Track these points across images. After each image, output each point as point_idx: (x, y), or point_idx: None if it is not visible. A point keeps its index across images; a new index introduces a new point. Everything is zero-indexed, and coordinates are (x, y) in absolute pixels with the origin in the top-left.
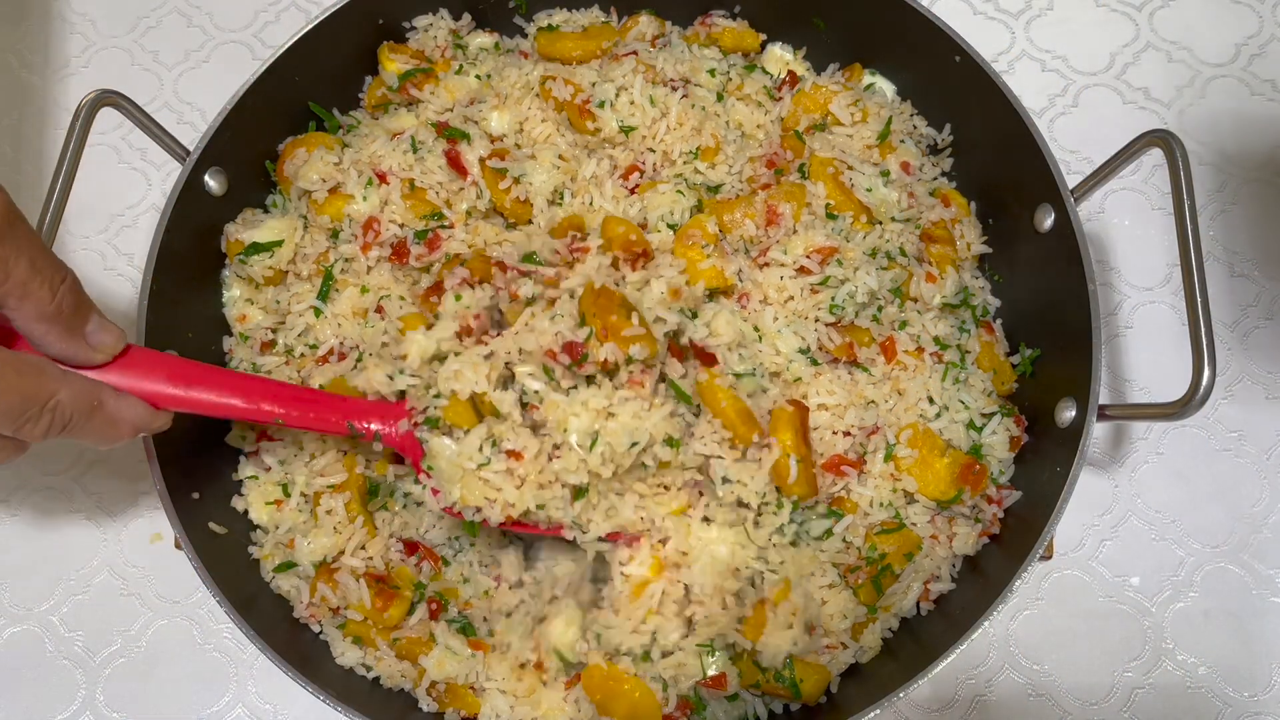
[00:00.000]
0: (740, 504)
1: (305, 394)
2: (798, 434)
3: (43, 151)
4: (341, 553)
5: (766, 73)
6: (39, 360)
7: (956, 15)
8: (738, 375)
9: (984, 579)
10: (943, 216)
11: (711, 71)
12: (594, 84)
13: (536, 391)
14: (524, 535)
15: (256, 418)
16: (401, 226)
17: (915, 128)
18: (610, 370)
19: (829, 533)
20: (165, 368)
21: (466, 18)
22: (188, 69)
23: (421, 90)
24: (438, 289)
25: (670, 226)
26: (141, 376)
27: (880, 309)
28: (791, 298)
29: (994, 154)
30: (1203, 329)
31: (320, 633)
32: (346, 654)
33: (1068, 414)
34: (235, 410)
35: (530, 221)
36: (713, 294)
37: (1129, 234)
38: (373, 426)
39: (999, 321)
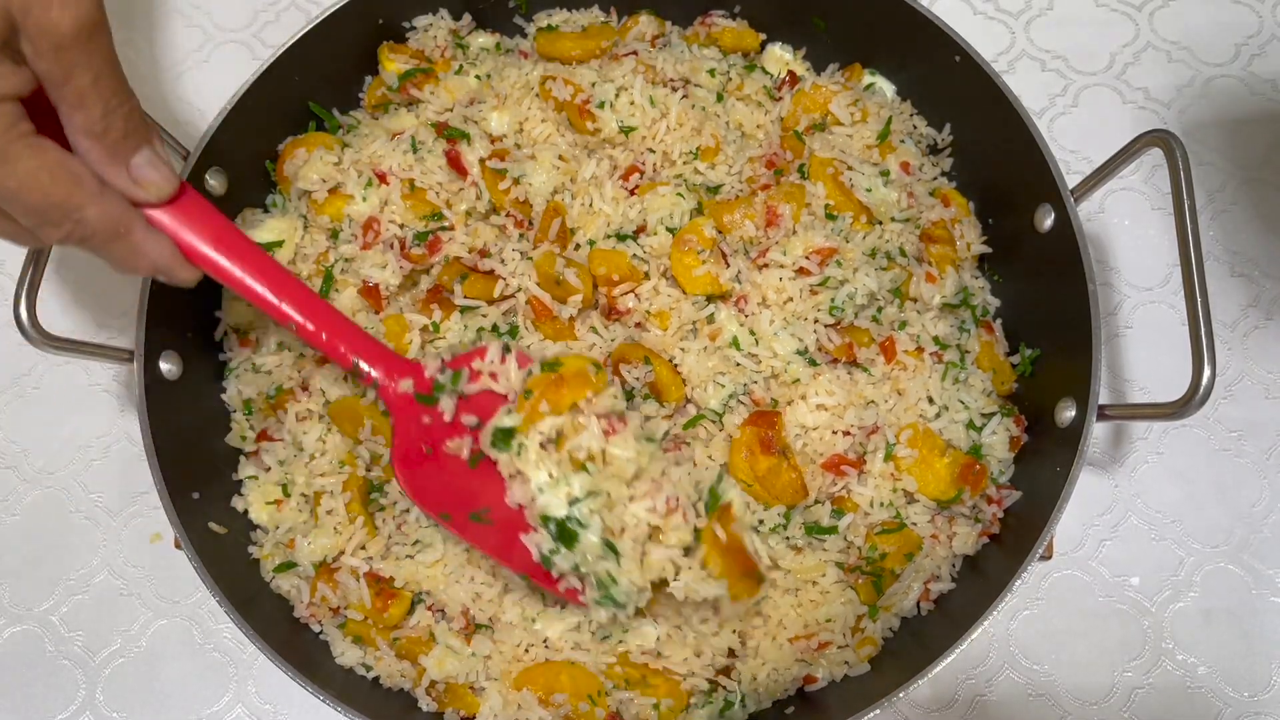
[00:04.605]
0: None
1: (328, 312)
2: (753, 453)
3: None
4: (341, 553)
5: (766, 73)
6: (80, 171)
7: (956, 15)
8: (713, 411)
9: (984, 579)
10: (943, 216)
11: (711, 71)
12: (594, 84)
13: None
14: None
15: (273, 314)
16: (402, 227)
17: (915, 128)
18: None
19: (833, 529)
20: (212, 227)
21: (466, 18)
22: (187, 69)
23: (421, 90)
24: (437, 293)
25: (669, 230)
26: (184, 224)
27: (880, 309)
28: (791, 299)
29: (994, 154)
30: (1203, 329)
31: (320, 633)
32: (346, 654)
33: (1068, 414)
34: (257, 297)
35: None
36: (710, 299)
37: (1129, 234)
38: (374, 373)
39: (999, 321)
